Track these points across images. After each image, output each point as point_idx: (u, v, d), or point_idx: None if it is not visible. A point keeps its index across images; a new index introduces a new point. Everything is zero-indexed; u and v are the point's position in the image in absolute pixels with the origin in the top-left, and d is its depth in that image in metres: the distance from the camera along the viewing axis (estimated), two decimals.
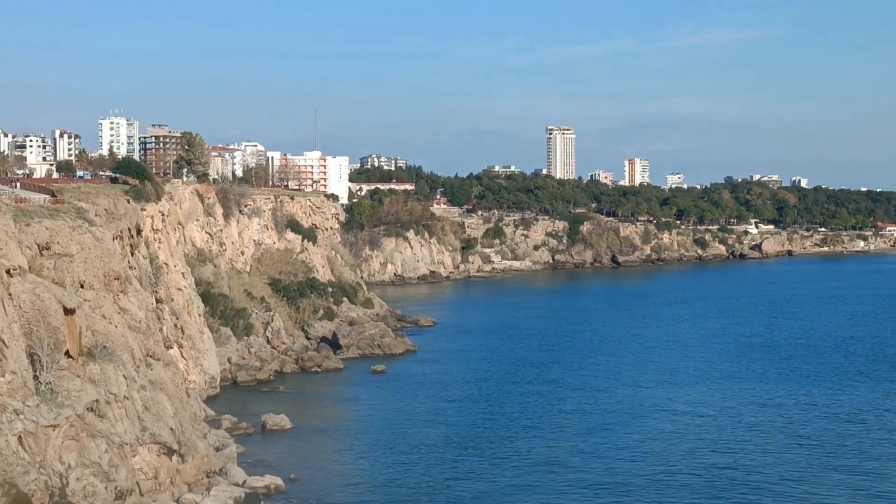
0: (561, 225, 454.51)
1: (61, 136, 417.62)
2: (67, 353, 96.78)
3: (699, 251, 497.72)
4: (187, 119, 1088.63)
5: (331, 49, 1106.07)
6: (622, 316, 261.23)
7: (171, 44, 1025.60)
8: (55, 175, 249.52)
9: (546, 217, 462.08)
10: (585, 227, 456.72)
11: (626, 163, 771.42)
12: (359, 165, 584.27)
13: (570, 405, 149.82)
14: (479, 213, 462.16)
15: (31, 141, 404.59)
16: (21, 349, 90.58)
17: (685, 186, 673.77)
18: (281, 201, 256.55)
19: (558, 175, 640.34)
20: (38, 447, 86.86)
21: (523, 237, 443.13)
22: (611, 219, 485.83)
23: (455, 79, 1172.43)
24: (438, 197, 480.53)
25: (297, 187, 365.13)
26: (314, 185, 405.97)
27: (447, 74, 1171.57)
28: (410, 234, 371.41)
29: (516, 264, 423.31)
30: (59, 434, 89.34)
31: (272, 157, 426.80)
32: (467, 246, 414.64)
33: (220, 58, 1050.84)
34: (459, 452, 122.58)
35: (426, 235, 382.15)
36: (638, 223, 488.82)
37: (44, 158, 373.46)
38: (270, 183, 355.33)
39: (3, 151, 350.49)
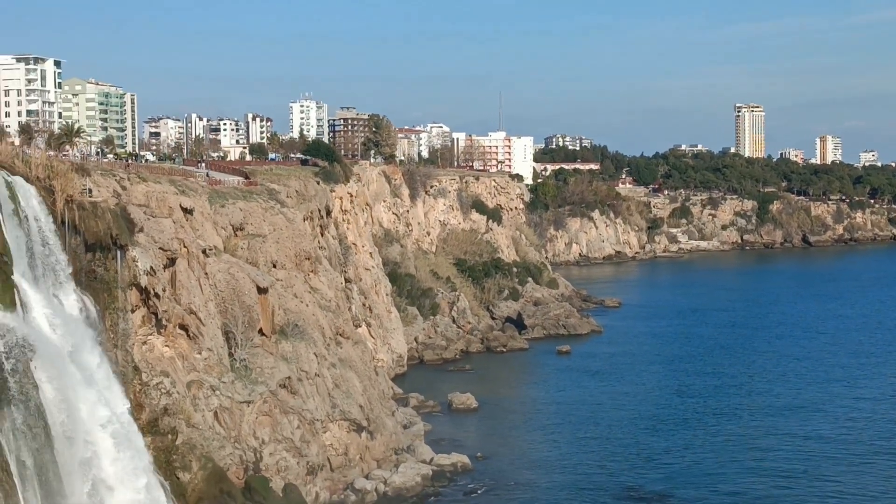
0: (749, 204, 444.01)
1: (254, 119, 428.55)
2: (260, 331, 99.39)
3: (894, 231, 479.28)
4: (374, 101, 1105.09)
5: (515, 29, 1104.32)
6: (814, 298, 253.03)
7: (357, 28, 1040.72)
8: (248, 158, 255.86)
9: (734, 196, 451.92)
10: (775, 207, 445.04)
11: (818, 140, 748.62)
12: (543, 145, 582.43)
13: (759, 386, 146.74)
14: (666, 192, 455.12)
15: (225, 124, 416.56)
16: (217, 327, 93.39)
17: (879, 164, 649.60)
18: (466, 182, 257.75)
19: (747, 153, 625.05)
20: (233, 422, 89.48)
21: (711, 217, 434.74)
22: (801, 198, 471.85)
23: (640, 57, 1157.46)
24: (624, 176, 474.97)
25: (481, 168, 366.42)
26: (499, 166, 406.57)
27: (632, 53, 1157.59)
28: (595, 214, 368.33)
29: (703, 244, 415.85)
30: (253, 410, 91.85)
31: (457, 138, 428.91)
32: (653, 226, 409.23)
33: (406, 41, 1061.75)
34: (646, 434, 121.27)
35: (611, 215, 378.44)
36: (830, 202, 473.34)
37: (237, 141, 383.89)
38: (455, 164, 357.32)
39: (199, 135, 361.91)
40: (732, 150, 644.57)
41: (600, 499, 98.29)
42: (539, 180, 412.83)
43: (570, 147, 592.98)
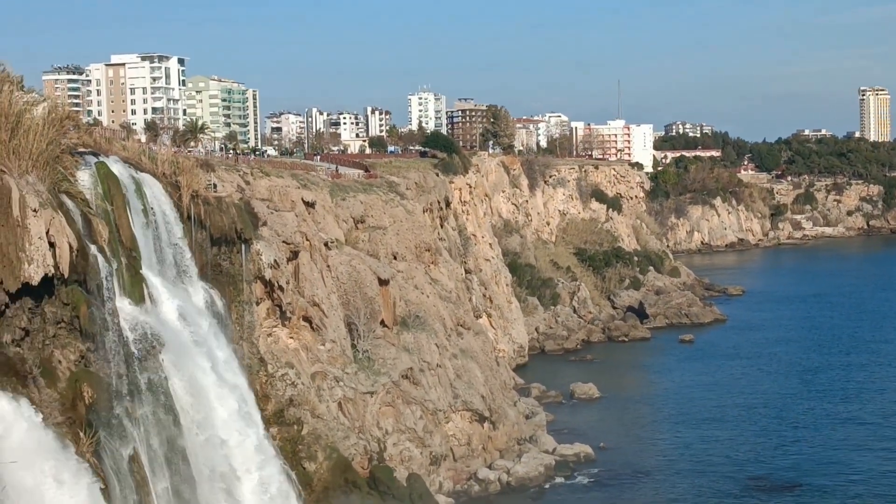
0: (876, 189, 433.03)
1: (373, 112, 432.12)
2: (382, 323, 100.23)
3: None
4: (492, 92, 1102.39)
5: (633, 17, 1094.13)
6: None
7: (475, 19, 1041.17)
8: (367, 151, 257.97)
9: (860, 181, 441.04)
10: None
11: None
12: (663, 133, 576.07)
13: (889, 373, 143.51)
14: (789, 178, 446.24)
15: (344, 118, 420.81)
16: (339, 319, 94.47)
17: None
18: (585, 171, 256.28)
19: (872, 138, 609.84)
20: (356, 413, 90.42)
21: (835, 202, 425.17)
22: None
23: (760, 42, 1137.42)
24: (745, 163, 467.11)
25: (601, 157, 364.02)
26: (618, 154, 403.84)
27: (752, 38, 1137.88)
28: (717, 201, 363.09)
29: (828, 230, 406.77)
30: (376, 400, 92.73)
31: (576, 128, 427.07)
32: (776, 212, 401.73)
33: (524, 31, 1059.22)
34: (772, 423, 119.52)
35: (733, 202, 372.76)
36: None
37: (357, 135, 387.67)
38: (574, 153, 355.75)
39: (320, 129, 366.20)
40: (857, 134, 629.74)
41: (726, 488, 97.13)
42: (659, 168, 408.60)
43: (691, 134, 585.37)
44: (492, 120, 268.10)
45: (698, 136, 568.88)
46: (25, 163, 60.90)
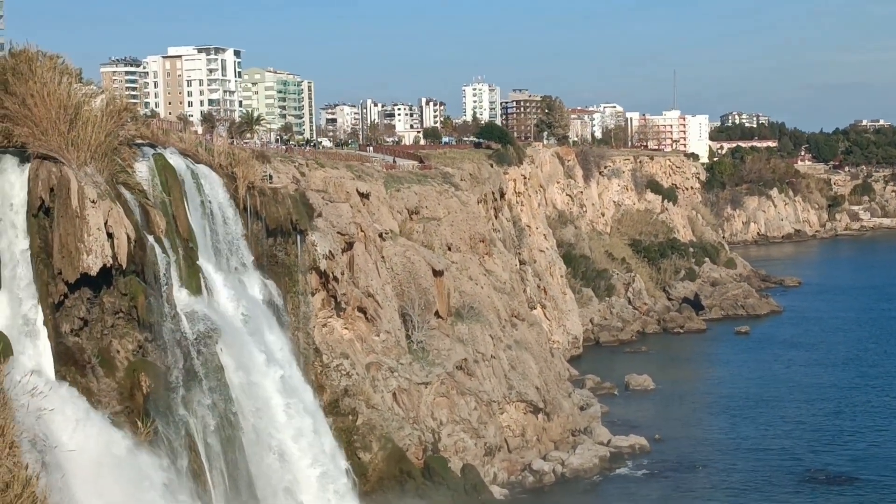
0: None
1: (427, 103, 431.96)
2: (436, 314, 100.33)
3: None
4: (547, 83, 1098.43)
5: (688, 6, 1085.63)
6: None
7: (528, 10, 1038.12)
8: (422, 142, 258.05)
9: None
10: None
11: None
12: (719, 123, 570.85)
13: None
14: (846, 169, 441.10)
15: (399, 109, 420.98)
16: (394, 309, 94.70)
17: None
18: (640, 162, 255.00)
19: None
20: (411, 403, 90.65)
21: (894, 193, 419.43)
22: None
23: (817, 31, 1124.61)
24: (802, 153, 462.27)
25: (656, 147, 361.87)
26: (673, 145, 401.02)
27: (808, 27, 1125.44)
28: (774, 192, 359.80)
29: (887, 221, 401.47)
30: (430, 391, 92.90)
31: (630, 118, 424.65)
32: (834, 203, 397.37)
33: (577, 21, 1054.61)
34: (829, 416, 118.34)
35: (790, 193, 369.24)
36: None
37: (411, 126, 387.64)
38: (629, 144, 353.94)
39: (374, 120, 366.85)
40: None
41: (782, 482, 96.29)
42: (715, 159, 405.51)
43: (747, 125, 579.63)
44: (546, 111, 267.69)
45: (754, 126, 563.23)
46: (84, 154, 61.57)
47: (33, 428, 50.75)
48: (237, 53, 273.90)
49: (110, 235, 60.22)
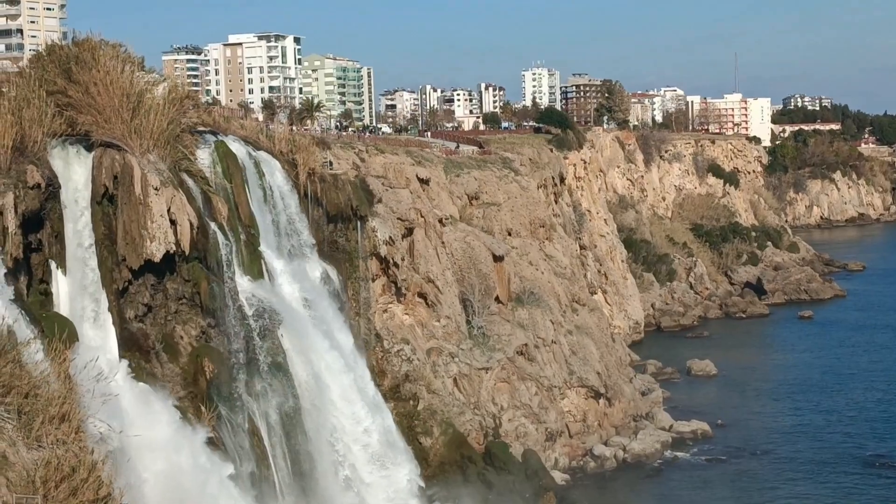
0: None
1: (486, 89, 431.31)
2: (497, 299, 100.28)
3: None
4: (607, 67, 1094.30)
5: None
6: None
7: None
8: (481, 127, 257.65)
9: None
10: None
11: None
12: (781, 106, 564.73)
13: None
14: None
15: (458, 95, 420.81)
16: (454, 295, 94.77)
17: None
18: (701, 146, 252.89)
19: None
20: (471, 389, 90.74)
21: None
22: None
23: (881, 12, 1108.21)
24: (866, 136, 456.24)
25: (717, 131, 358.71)
26: (735, 129, 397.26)
27: (871, 7, 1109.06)
28: (837, 175, 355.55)
29: None
30: (491, 376, 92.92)
31: (692, 102, 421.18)
32: None
33: (636, 4, 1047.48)
34: (894, 402, 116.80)
35: (854, 176, 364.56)
36: None
37: (470, 111, 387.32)
38: (690, 127, 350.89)
39: (434, 106, 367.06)
40: None
41: (845, 468, 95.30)
42: (777, 142, 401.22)
43: (810, 107, 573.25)
44: (606, 95, 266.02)
45: (817, 109, 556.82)
46: (147, 142, 62.21)
47: (98, 413, 51.29)
48: (297, 40, 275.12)
49: (173, 222, 60.80)
